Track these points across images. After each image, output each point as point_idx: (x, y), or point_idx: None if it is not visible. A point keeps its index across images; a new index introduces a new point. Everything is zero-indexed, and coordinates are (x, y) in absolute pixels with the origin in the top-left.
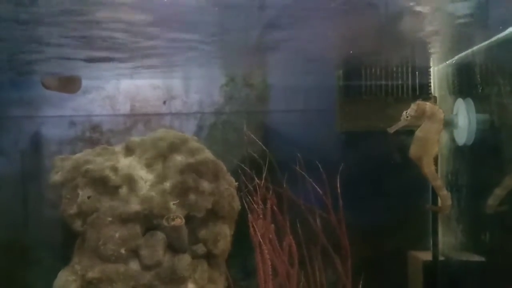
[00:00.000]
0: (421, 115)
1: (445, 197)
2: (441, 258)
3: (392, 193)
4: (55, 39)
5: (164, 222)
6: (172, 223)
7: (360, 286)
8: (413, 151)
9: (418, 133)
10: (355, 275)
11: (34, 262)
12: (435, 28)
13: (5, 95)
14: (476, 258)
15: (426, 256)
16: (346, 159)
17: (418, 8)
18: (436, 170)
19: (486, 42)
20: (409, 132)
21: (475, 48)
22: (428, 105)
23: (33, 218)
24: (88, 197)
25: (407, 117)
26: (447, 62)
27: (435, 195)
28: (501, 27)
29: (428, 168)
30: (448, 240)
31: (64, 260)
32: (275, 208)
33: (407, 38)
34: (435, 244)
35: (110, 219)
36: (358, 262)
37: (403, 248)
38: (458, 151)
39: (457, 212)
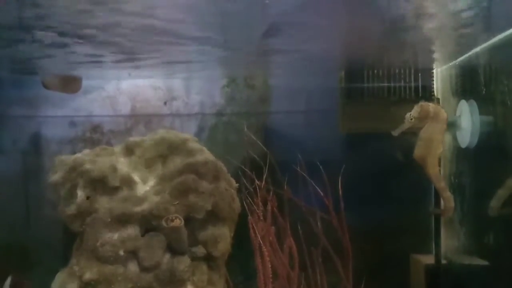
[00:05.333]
0: (424, 117)
1: (448, 199)
2: (443, 261)
3: (395, 195)
4: (57, 38)
5: (163, 223)
6: (171, 224)
7: None
8: (418, 152)
9: (422, 134)
10: (357, 279)
11: (33, 263)
12: (438, 28)
13: (5, 94)
14: (479, 261)
15: (428, 259)
16: (348, 161)
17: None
18: (440, 172)
19: (490, 42)
20: (412, 133)
21: (478, 48)
22: (431, 105)
23: (33, 218)
24: (87, 198)
25: (411, 119)
26: (450, 64)
27: (437, 198)
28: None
29: (432, 169)
30: (450, 243)
31: (64, 261)
32: (275, 210)
33: (410, 39)
34: (438, 248)
35: (109, 220)
36: (359, 265)
37: (405, 252)
38: (461, 153)
39: (460, 215)
